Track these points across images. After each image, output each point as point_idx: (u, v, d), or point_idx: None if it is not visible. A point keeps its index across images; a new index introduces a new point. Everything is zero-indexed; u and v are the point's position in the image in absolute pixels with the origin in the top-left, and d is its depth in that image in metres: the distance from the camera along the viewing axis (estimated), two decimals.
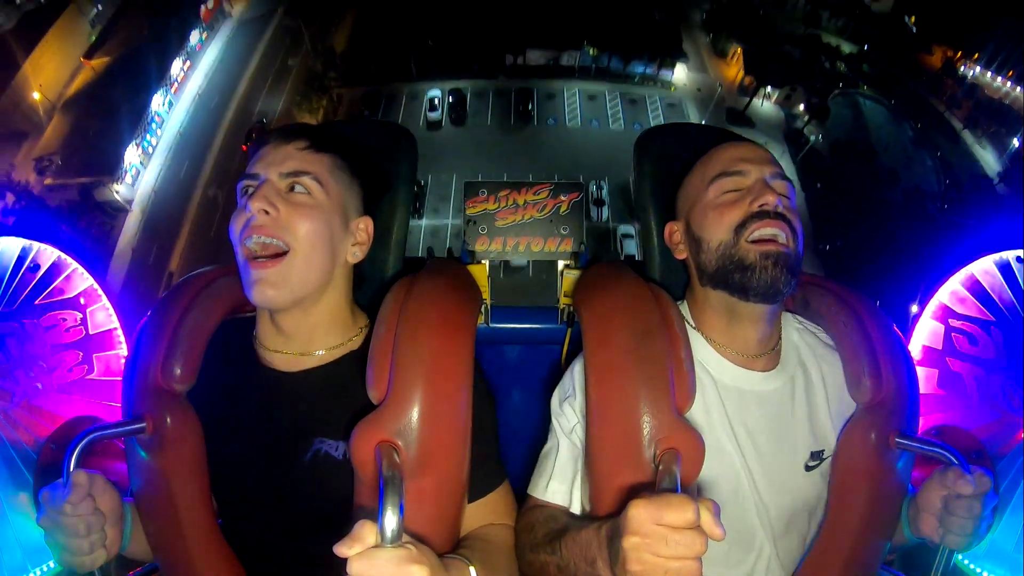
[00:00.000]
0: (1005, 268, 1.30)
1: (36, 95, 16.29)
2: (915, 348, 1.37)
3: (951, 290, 1.34)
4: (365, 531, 0.59)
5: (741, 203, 0.87)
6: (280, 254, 0.82)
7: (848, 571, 0.88)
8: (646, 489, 0.75)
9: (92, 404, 1.34)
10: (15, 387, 1.29)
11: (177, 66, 17.19)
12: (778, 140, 16.47)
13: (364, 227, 0.92)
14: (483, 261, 1.28)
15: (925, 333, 1.36)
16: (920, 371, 1.16)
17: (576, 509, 0.91)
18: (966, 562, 1.25)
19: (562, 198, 1.29)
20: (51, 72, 16.90)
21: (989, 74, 18.99)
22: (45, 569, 1.25)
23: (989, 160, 17.82)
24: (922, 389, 1.01)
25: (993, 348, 1.30)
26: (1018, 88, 18.18)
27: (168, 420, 0.84)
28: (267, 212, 0.82)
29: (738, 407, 0.89)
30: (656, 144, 1.14)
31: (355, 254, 0.91)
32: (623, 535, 0.63)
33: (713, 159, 0.93)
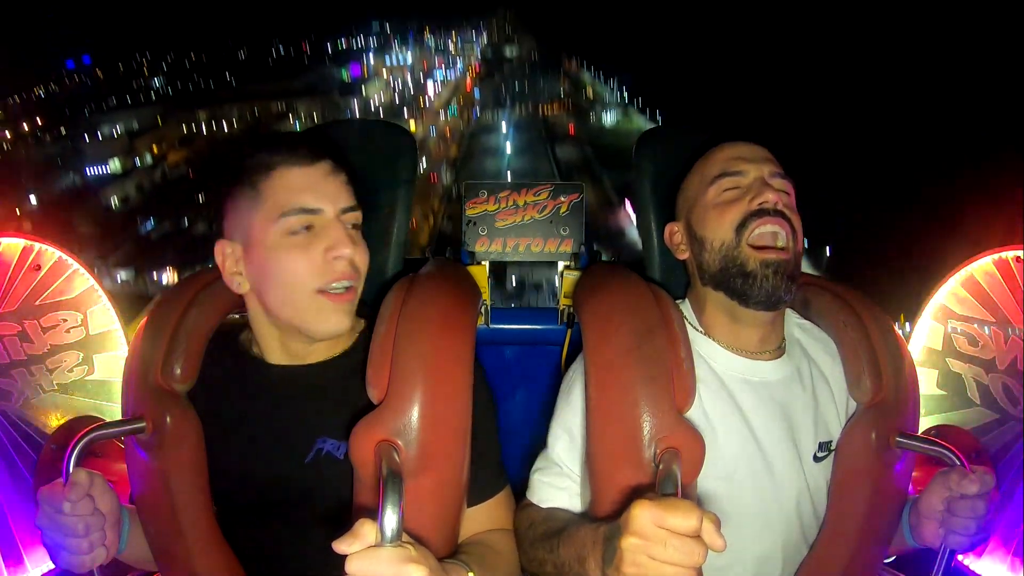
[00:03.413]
0: (1005, 268, 1.30)
1: None
2: (915, 348, 1.37)
3: (951, 290, 1.34)
4: (365, 529, 0.59)
5: (741, 202, 0.88)
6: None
7: (849, 571, 0.88)
8: (646, 488, 0.75)
9: (92, 404, 1.34)
10: (15, 387, 1.29)
11: None
12: None
13: None
14: (483, 262, 1.28)
15: (925, 333, 1.36)
16: (920, 371, 1.16)
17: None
18: (967, 562, 1.25)
19: (562, 199, 1.30)
20: None
21: None
22: (45, 570, 1.25)
23: None
24: (922, 389, 1.01)
25: (993, 348, 1.30)
26: None
27: (168, 420, 0.84)
28: (359, 249, 0.84)
29: (748, 397, 0.89)
30: (655, 144, 1.14)
31: None
32: (622, 534, 0.62)
33: (712, 159, 0.94)
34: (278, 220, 0.81)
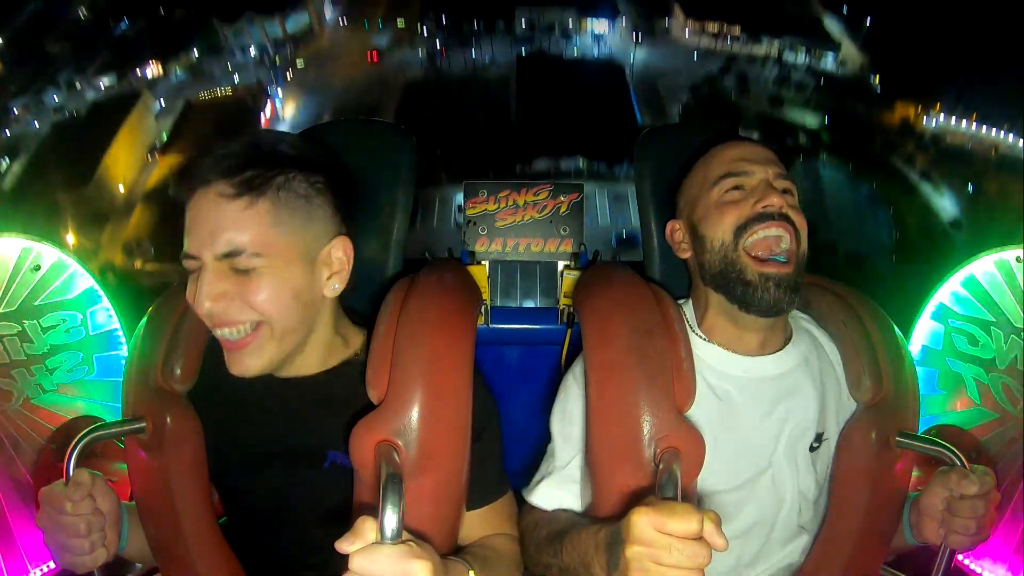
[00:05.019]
0: (1005, 268, 1.30)
1: (121, 187, 18.84)
2: (915, 348, 1.37)
3: (951, 290, 1.34)
4: (366, 527, 0.59)
5: (744, 204, 0.87)
6: (253, 329, 0.77)
7: (849, 571, 0.88)
8: (647, 488, 0.75)
9: (92, 404, 1.34)
10: (15, 387, 1.29)
11: None
12: None
13: (340, 254, 0.81)
14: (483, 262, 1.28)
15: (925, 333, 1.36)
16: (920, 371, 1.17)
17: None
18: (967, 562, 1.25)
19: (562, 199, 1.30)
20: (124, 162, 19.40)
21: (953, 121, 20.26)
22: (45, 569, 1.25)
23: (947, 207, 19.00)
24: (922, 389, 1.01)
25: (993, 348, 1.30)
26: (984, 127, 19.31)
27: (168, 420, 0.84)
28: (220, 303, 0.74)
29: (746, 397, 0.89)
30: (656, 144, 1.14)
31: (334, 287, 0.81)
32: (625, 543, 0.62)
33: (716, 158, 0.93)
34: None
